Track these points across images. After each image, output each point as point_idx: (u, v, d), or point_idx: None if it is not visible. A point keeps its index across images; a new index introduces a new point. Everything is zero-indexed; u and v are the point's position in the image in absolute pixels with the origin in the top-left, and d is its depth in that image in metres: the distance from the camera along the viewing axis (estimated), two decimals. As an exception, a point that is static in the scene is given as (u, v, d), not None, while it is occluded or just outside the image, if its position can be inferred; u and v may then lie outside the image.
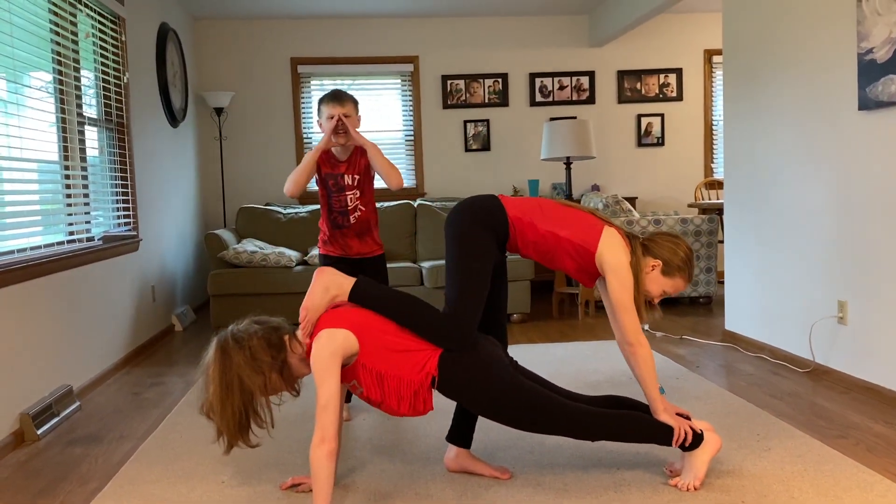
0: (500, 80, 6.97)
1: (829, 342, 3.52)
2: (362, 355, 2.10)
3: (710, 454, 2.26)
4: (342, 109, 2.85)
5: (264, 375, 2.08)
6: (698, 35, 7.12)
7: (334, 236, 3.05)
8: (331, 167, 2.98)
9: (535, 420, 2.17)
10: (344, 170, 2.98)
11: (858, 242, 3.28)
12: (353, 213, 3.00)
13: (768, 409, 3.03)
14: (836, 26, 3.37)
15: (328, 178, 2.98)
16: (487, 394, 2.14)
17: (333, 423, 2.01)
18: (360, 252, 3.06)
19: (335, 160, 2.98)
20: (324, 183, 3.00)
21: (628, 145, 7.17)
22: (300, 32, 6.75)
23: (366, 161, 2.97)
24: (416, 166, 6.95)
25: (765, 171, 4.02)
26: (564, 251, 2.26)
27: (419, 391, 2.11)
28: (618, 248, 2.24)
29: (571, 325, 5.04)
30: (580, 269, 2.30)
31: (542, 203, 2.31)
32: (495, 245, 2.27)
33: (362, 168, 2.98)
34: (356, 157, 2.98)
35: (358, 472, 2.46)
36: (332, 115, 2.85)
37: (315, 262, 5.13)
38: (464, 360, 2.14)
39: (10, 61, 3.14)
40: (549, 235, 2.25)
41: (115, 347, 4.12)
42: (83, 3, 3.97)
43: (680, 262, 2.30)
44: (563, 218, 2.27)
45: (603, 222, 2.29)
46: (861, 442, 2.64)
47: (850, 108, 3.29)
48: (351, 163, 2.98)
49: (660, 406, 2.25)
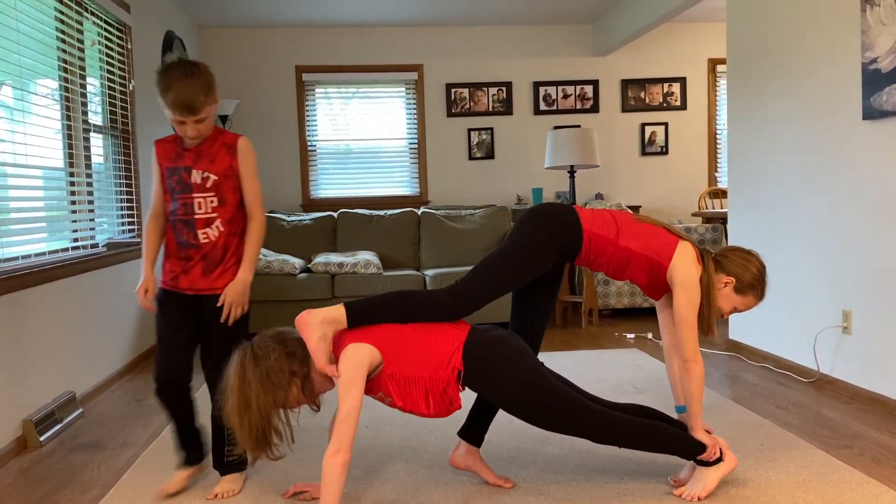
0: (505, 89, 6.98)
1: (833, 352, 3.50)
2: (388, 366, 2.08)
3: (724, 472, 2.26)
4: (194, 118, 2.20)
5: (283, 391, 2.05)
6: (702, 44, 7.13)
7: (170, 255, 2.34)
8: (173, 158, 2.30)
9: (563, 418, 2.14)
10: (191, 161, 2.28)
11: (863, 252, 3.27)
12: (204, 227, 2.28)
13: (772, 419, 3.02)
14: (841, 36, 3.37)
15: (171, 174, 2.30)
16: (514, 387, 2.11)
17: (352, 434, 2.00)
18: (199, 288, 2.31)
19: (180, 149, 2.30)
20: (166, 181, 2.32)
21: (632, 154, 7.17)
22: (305, 40, 6.78)
23: (232, 160, 2.29)
24: (420, 174, 6.96)
25: (769, 181, 4.01)
26: (638, 265, 2.24)
27: (447, 389, 2.09)
28: (690, 264, 2.22)
29: (575, 334, 5.03)
30: (652, 284, 2.29)
31: (616, 216, 2.29)
32: (551, 261, 2.24)
33: (223, 167, 2.29)
34: (215, 147, 2.29)
35: (360, 481, 2.45)
36: (182, 122, 2.20)
37: (318, 269, 5.13)
38: (489, 352, 2.12)
39: (17, 68, 3.15)
40: (625, 250, 2.23)
41: (119, 354, 4.12)
42: (90, 11, 3.99)
43: (752, 279, 2.27)
44: (638, 232, 2.25)
45: (677, 237, 2.27)
46: (866, 452, 2.63)
47: (855, 118, 3.29)
48: (203, 153, 2.28)
49: (699, 424, 2.25)
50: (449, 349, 2.11)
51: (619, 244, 2.23)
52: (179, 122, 2.20)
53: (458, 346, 2.11)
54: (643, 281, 2.29)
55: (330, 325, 2.10)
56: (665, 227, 2.30)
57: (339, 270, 5.11)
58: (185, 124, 2.21)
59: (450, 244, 5.76)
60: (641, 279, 2.28)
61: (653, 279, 2.27)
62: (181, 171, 2.29)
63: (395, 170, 6.98)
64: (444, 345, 2.11)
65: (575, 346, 4.63)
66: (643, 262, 2.23)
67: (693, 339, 2.21)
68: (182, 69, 2.22)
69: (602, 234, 2.23)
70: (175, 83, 2.17)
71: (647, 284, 2.30)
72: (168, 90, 2.17)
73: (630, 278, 2.30)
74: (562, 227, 2.23)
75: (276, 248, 5.63)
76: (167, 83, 2.18)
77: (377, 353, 2.07)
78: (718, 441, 2.26)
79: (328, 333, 2.09)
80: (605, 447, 2.68)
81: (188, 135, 2.24)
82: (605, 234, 2.23)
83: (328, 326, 2.09)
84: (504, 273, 2.21)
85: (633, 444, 2.22)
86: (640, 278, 2.28)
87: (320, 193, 6.91)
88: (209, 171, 2.28)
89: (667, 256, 2.22)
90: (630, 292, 5.50)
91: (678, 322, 2.21)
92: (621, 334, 4.95)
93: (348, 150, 6.92)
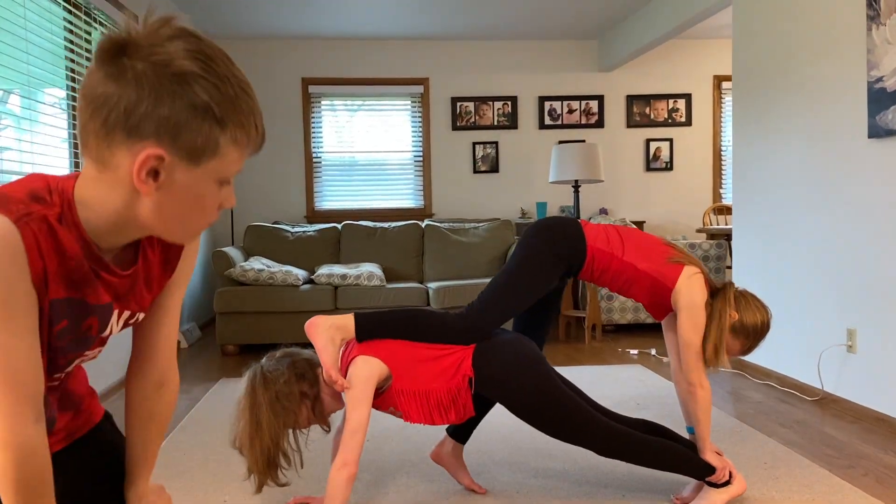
0: (510, 103, 7.00)
1: (838, 370, 3.48)
2: (396, 381, 2.08)
3: (731, 496, 2.24)
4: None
5: (293, 414, 2.05)
6: (707, 61, 7.15)
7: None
8: (75, 287, 1.07)
9: (572, 427, 2.12)
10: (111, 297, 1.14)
11: (868, 270, 3.26)
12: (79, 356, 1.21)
13: (776, 438, 3.00)
14: (846, 54, 3.37)
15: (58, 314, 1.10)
16: (526, 390, 2.09)
17: (359, 448, 1.99)
18: (68, 428, 1.35)
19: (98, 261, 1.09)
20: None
21: (637, 169, 7.17)
22: (311, 53, 6.81)
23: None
24: (425, 187, 6.97)
25: (774, 198, 4.01)
26: (641, 284, 2.23)
27: (457, 397, 2.09)
28: (696, 287, 2.19)
29: (578, 349, 5.01)
30: (654, 303, 2.27)
31: (622, 232, 2.28)
32: (559, 273, 2.23)
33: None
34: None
35: (360, 494, 2.43)
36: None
37: (321, 281, 5.13)
38: (501, 355, 2.11)
39: (26, 77, 3.17)
40: (629, 267, 2.21)
41: (120, 364, 4.11)
42: (98, 21, 4.02)
43: (752, 326, 2.22)
44: (644, 251, 2.23)
45: (685, 260, 2.24)
46: (870, 472, 2.61)
47: (860, 136, 3.29)
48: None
49: (708, 446, 2.23)
50: (458, 357, 2.10)
51: (623, 260, 2.21)
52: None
53: (468, 352, 2.11)
54: (645, 300, 2.27)
55: (338, 331, 2.12)
56: (672, 247, 2.28)
57: (343, 282, 5.10)
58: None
59: (453, 257, 5.76)
60: (644, 298, 2.27)
61: (655, 299, 2.25)
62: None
63: (399, 182, 6.99)
64: (452, 354, 2.11)
65: (578, 361, 4.62)
66: (646, 282, 2.22)
67: (698, 364, 2.19)
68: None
69: (606, 249, 2.22)
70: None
71: (649, 303, 2.29)
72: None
73: (633, 295, 2.28)
74: (564, 238, 2.23)
75: (279, 260, 5.64)
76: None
77: (385, 368, 2.07)
78: (728, 464, 2.25)
79: (336, 338, 2.11)
80: (607, 463, 2.66)
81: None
82: (609, 249, 2.22)
83: (336, 332, 2.11)
84: (512, 292, 2.20)
85: (640, 461, 2.19)
86: (642, 296, 2.27)
87: (325, 205, 6.92)
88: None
89: (671, 279, 2.20)
90: (634, 308, 5.49)
91: (682, 346, 2.20)
92: (624, 350, 4.93)
93: (353, 163, 6.94)
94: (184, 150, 0.97)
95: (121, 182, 1.00)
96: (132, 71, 0.94)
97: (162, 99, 0.94)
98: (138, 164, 0.96)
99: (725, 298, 2.21)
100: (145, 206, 1.02)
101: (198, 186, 1.02)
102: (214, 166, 1.01)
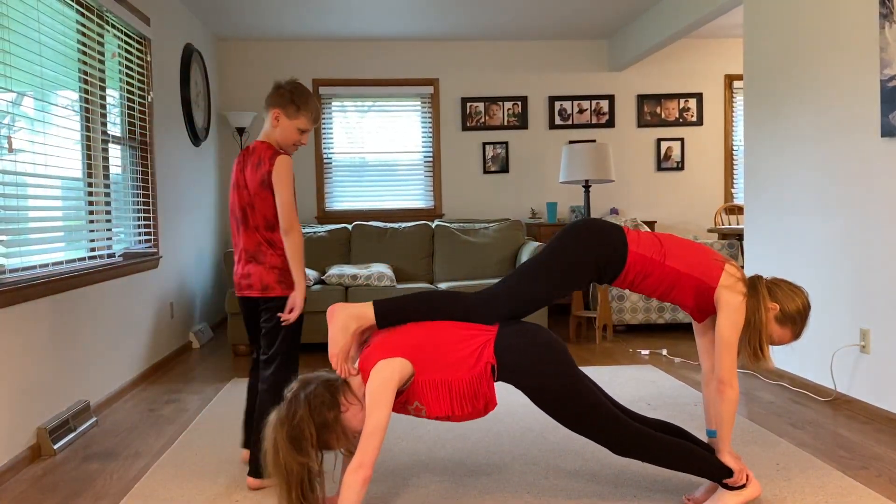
0: (520, 103, 6.99)
1: (851, 371, 3.46)
2: (420, 373, 2.09)
3: (745, 499, 2.23)
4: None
5: (313, 448, 2.03)
6: (719, 60, 7.11)
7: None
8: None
9: (591, 421, 2.12)
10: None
11: (881, 270, 3.24)
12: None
13: (788, 438, 2.98)
14: (859, 53, 3.35)
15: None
16: (549, 378, 2.10)
17: (376, 450, 2.00)
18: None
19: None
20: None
21: (648, 169, 7.15)
22: (322, 54, 6.83)
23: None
24: (435, 187, 6.98)
25: (786, 197, 3.99)
26: (685, 287, 2.23)
27: (480, 387, 2.10)
28: (737, 286, 2.20)
29: (589, 350, 5.00)
30: (698, 306, 2.27)
31: (661, 238, 2.28)
32: (589, 277, 2.23)
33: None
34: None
35: (370, 496, 2.44)
36: (308, 131, 2.62)
37: (332, 281, 5.14)
38: (523, 340, 2.12)
39: (39, 80, 3.20)
40: (672, 272, 2.21)
41: (133, 364, 4.14)
42: (111, 24, 4.05)
43: (795, 311, 2.23)
44: (685, 254, 2.24)
45: (724, 259, 2.25)
46: (884, 474, 2.59)
47: (873, 135, 3.26)
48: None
49: (727, 447, 2.23)
50: (480, 343, 2.11)
51: (666, 265, 2.21)
52: (306, 131, 2.58)
53: (489, 338, 2.11)
54: (689, 303, 2.26)
55: (354, 320, 2.17)
56: (710, 249, 2.28)
57: (353, 282, 5.11)
58: (307, 133, 2.60)
59: (463, 258, 5.76)
60: (688, 301, 2.26)
61: (699, 301, 2.25)
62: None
63: (409, 183, 7.00)
64: (475, 338, 2.12)
65: (589, 361, 4.61)
66: (691, 284, 2.21)
67: (731, 362, 2.18)
68: (306, 89, 2.59)
69: (649, 255, 2.21)
70: (311, 99, 2.58)
71: (693, 306, 2.28)
72: (308, 104, 2.55)
73: (676, 300, 2.27)
74: (607, 246, 2.22)
75: (290, 260, 5.64)
76: (306, 98, 2.56)
77: (408, 366, 2.08)
78: (745, 467, 2.24)
79: (350, 326, 2.16)
80: (619, 463, 2.66)
81: (304, 143, 2.63)
82: (651, 255, 2.21)
83: (353, 321, 2.17)
84: (541, 286, 2.21)
85: (659, 461, 2.19)
86: (686, 300, 2.26)
87: (335, 206, 6.94)
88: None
89: (714, 277, 2.20)
90: (645, 308, 5.47)
91: (718, 343, 2.19)
92: (636, 350, 4.91)
93: (364, 163, 6.95)
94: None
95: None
96: None
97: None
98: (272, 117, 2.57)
99: (759, 295, 2.21)
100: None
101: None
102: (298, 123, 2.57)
